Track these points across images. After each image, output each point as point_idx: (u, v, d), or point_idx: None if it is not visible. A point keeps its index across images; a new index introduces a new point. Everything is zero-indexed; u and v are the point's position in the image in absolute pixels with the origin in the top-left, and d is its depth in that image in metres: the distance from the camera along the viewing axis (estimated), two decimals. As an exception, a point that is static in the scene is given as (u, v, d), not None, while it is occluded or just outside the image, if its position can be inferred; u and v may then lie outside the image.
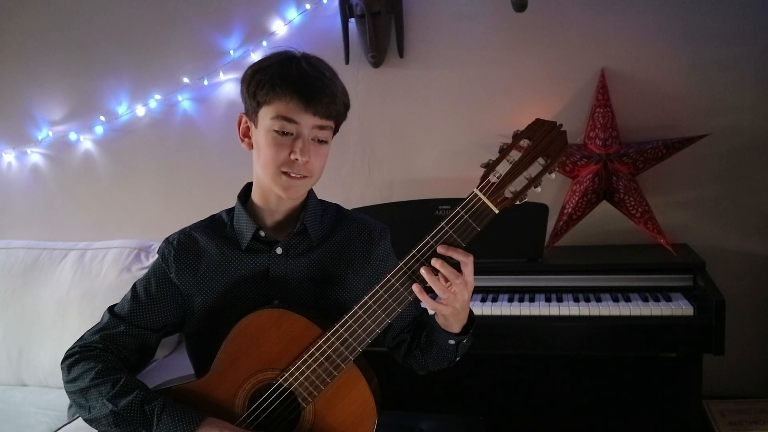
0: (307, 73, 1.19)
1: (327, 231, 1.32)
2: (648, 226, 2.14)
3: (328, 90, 1.20)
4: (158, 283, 1.29)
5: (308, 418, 1.19)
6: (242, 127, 1.28)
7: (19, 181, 2.79)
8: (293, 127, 1.19)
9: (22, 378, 2.30)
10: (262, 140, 1.22)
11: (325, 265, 1.29)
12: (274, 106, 1.19)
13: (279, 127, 1.19)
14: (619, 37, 2.25)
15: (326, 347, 1.15)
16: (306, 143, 1.20)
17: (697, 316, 1.86)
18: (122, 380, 1.19)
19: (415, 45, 2.39)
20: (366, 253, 1.32)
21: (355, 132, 2.45)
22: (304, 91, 1.18)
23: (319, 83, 1.19)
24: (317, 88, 1.19)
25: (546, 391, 2.27)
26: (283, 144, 1.19)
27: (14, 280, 2.39)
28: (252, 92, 1.21)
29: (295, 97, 1.17)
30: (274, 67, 1.20)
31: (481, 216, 1.12)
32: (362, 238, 1.33)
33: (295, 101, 1.18)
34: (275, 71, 1.19)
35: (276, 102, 1.19)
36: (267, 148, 1.21)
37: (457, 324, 1.21)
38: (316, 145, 1.22)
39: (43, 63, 2.68)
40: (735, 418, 2.11)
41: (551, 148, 1.12)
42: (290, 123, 1.19)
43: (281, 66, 1.20)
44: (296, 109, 1.18)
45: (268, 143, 1.20)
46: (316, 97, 1.18)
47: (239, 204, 1.31)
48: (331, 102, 1.20)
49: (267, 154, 1.21)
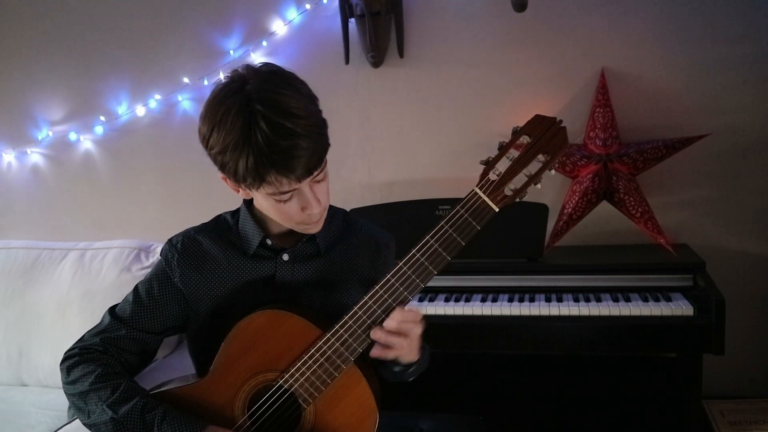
0: (277, 144, 1.06)
1: (334, 239, 1.31)
2: (648, 226, 2.14)
3: (307, 150, 1.08)
4: (160, 285, 1.28)
5: (309, 419, 1.19)
6: (231, 184, 1.19)
7: (19, 181, 2.79)
8: (291, 192, 1.14)
9: (22, 378, 2.30)
10: (263, 204, 1.20)
11: (330, 271, 1.29)
12: (262, 189, 1.13)
13: (278, 198, 1.14)
14: (619, 37, 2.25)
15: (326, 348, 1.15)
16: (311, 197, 1.15)
17: (697, 316, 1.86)
18: (122, 386, 1.19)
19: (415, 45, 2.39)
20: (372, 263, 1.32)
21: (355, 132, 2.44)
22: (288, 168, 1.08)
23: (294, 150, 1.07)
24: (296, 156, 1.08)
25: (546, 391, 2.27)
26: (289, 205, 1.16)
27: (14, 280, 2.39)
28: (231, 175, 1.13)
29: (280, 176, 1.09)
30: (240, 151, 1.07)
31: (481, 214, 1.13)
32: (369, 247, 1.33)
33: (280, 179, 1.10)
34: (245, 158, 1.07)
35: (262, 185, 1.11)
36: (275, 213, 1.19)
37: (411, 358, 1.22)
38: (317, 186, 1.17)
39: (43, 63, 2.68)
40: (735, 418, 2.11)
41: (551, 144, 1.11)
42: (287, 193, 1.14)
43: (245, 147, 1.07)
44: (286, 182, 1.11)
45: (274, 209, 1.18)
46: (301, 165, 1.09)
47: (245, 209, 1.30)
48: (313, 154, 1.10)
49: (277, 216, 1.20)
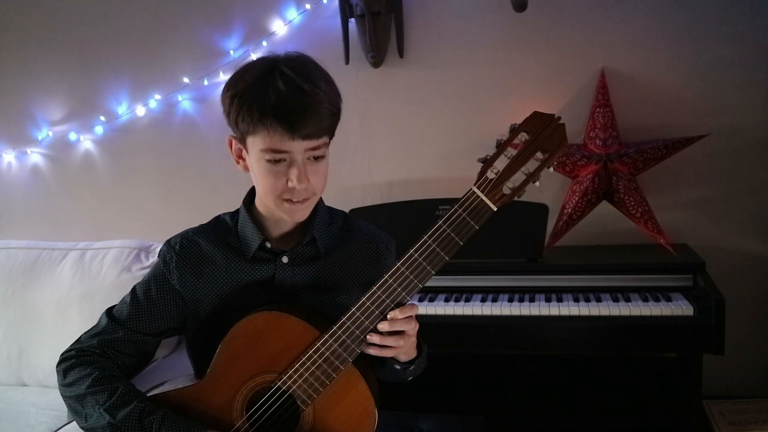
0: (286, 97, 1.09)
1: (334, 241, 1.30)
2: (648, 226, 2.14)
3: (311, 110, 1.11)
4: (158, 287, 1.28)
5: (308, 421, 1.18)
6: (234, 149, 1.23)
7: (19, 181, 2.79)
8: (285, 155, 1.13)
9: (22, 378, 2.30)
10: (255, 168, 1.18)
11: (330, 274, 1.29)
12: (259, 137, 1.13)
13: (270, 157, 1.13)
14: (619, 37, 2.24)
15: (324, 349, 1.15)
16: (301, 169, 1.14)
17: (697, 316, 1.86)
18: (120, 389, 1.18)
19: (415, 45, 2.39)
20: (372, 266, 1.31)
21: (355, 132, 2.44)
22: (288, 119, 1.09)
23: (301, 105, 1.10)
24: (300, 111, 1.10)
25: (546, 391, 2.27)
26: (278, 173, 1.15)
27: (14, 280, 2.38)
28: (234, 120, 1.15)
29: (279, 127, 1.10)
30: (251, 92, 1.11)
31: (479, 214, 1.12)
32: (369, 250, 1.32)
33: (279, 131, 1.10)
34: (253, 97, 1.11)
35: (260, 133, 1.12)
36: (263, 179, 1.17)
37: (409, 355, 1.24)
38: (312, 164, 1.16)
39: (43, 63, 2.68)
40: (735, 418, 2.11)
41: (550, 141, 1.11)
42: (280, 153, 1.13)
43: (258, 89, 1.11)
44: (282, 138, 1.11)
45: (263, 173, 1.16)
46: (301, 121, 1.10)
47: (244, 211, 1.29)
48: (318, 120, 1.12)
49: (264, 184, 1.18)
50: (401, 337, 1.15)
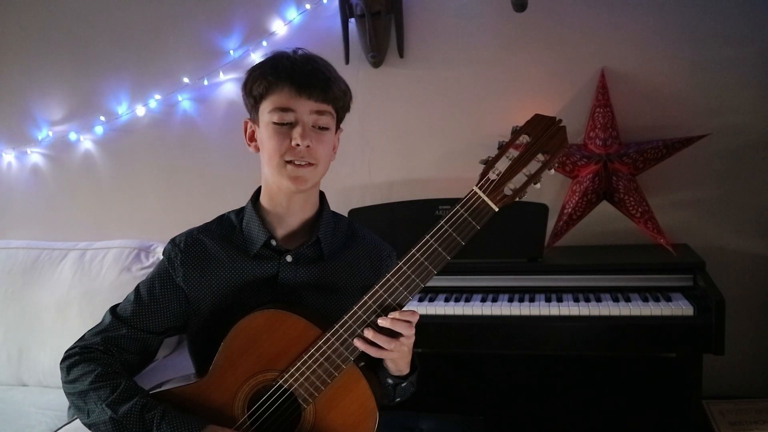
0: (297, 62, 1.22)
1: (338, 245, 1.32)
2: (648, 226, 2.14)
3: (320, 73, 1.22)
4: (162, 285, 1.28)
5: (309, 419, 1.19)
6: (248, 132, 1.30)
7: (19, 181, 2.79)
8: (291, 116, 1.20)
9: (22, 378, 2.30)
10: (264, 135, 1.24)
11: (332, 276, 1.30)
12: (270, 99, 1.21)
13: (277, 118, 1.20)
14: (619, 37, 2.25)
15: (326, 348, 1.15)
16: (306, 128, 1.21)
17: (697, 316, 1.86)
18: (122, 385, 1.19)
19: (415, 45, 2.39)
20: (373, 272, 1.32)
21: (355, 132, 2.44)
22: (296, 78, 1.20)
23: (309, 67, 1.21)
24: (308, 71, 1.21)
25: (546, 391, 2.27)
26: (283, 133, 1.21)
27: (14, 280, 2.38)
28: (249, 90, 1.24)
29: (287, 85, 1.20)
30: (267, 63, 1.24)
31: (480, 214, 1.13)
32: (372, 257, 1.34)
33: (287, 89, 1.20)
34: (268, 66, 1.23)
35: (271, 95, 1.21)
36: (269, 141, 1.22)
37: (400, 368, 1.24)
38: (317, 132, 1.23)
39: (43, 63, 2.68)
40: (735, 418, 2.11)
41: (551, 143, 1.12)
42: (287, 112, 1.20)
43: (273, 60, 1.23)
44: (290, 96, 1.20)
45: (269, 135, 1.22)
46: (309, 80, 1.20)
47: (251, 207, 1.30)
48: (326, 85, 1.22)
49: (269, 146, 1.22)
50: (394, 341, 1.15)
